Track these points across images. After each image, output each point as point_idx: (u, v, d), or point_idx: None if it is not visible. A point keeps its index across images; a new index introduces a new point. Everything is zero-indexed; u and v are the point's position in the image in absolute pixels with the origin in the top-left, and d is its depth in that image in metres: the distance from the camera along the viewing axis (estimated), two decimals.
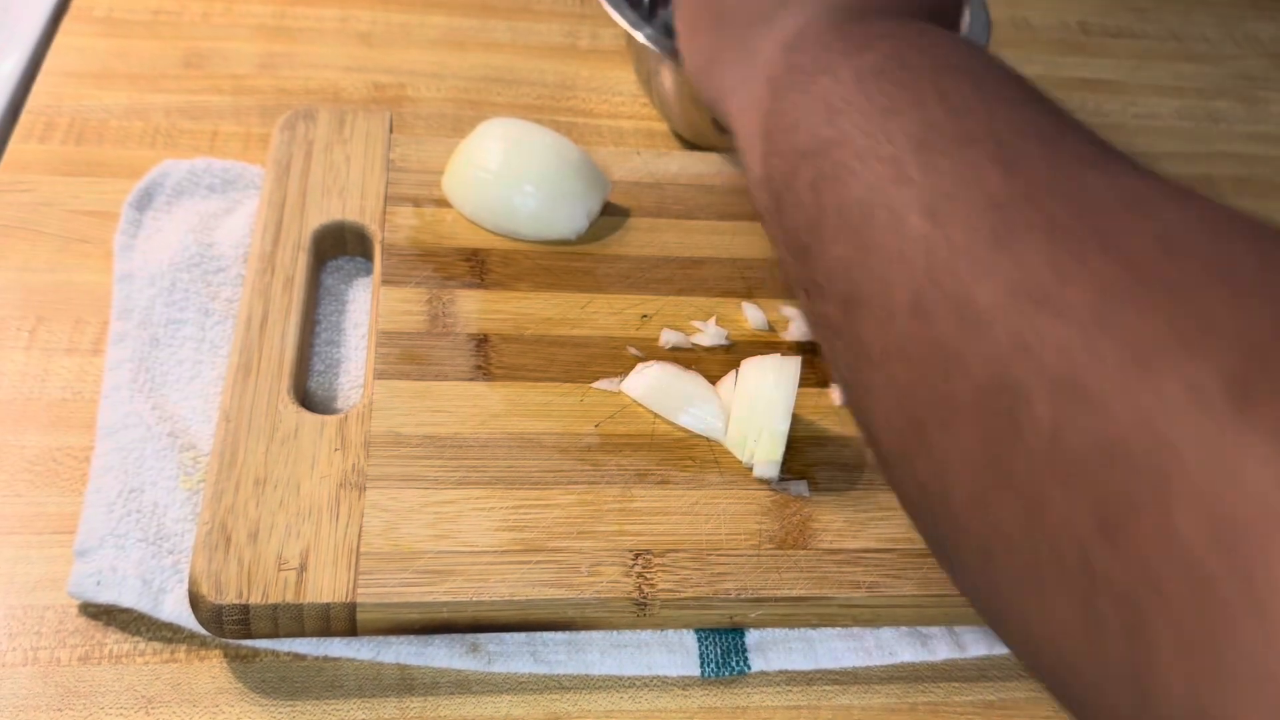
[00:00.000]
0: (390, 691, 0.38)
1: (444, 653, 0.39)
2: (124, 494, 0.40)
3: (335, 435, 0.41)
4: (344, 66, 0.63)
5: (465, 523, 0.39)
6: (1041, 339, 0.22)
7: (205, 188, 0.53)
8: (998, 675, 0.41)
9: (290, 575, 0.36)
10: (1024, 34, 0.78)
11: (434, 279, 0.48)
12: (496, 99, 0.64)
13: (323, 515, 0.38)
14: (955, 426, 0.24)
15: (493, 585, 0.37)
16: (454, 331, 0.46)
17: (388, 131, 0.54)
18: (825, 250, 0.29)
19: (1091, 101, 0.72)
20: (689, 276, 0.50)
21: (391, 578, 0.37)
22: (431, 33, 0.67)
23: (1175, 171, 0.67)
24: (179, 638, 0.38)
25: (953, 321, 0.24)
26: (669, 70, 0.56)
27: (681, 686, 0.40)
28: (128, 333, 0.46)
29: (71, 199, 0.52)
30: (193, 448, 0.42)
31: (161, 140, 0.57)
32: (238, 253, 0.50)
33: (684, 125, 0.61)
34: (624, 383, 0.45)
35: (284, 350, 0.43)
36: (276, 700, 0.37)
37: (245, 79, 0.61)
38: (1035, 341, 0.22)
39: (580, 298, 0.48)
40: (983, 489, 0.23)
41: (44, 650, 0.38)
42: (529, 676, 0.39)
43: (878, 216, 0.27)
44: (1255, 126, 0.73)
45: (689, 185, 0.55)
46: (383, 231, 0.49)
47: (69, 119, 0.57)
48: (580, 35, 0.70)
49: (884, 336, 0.26)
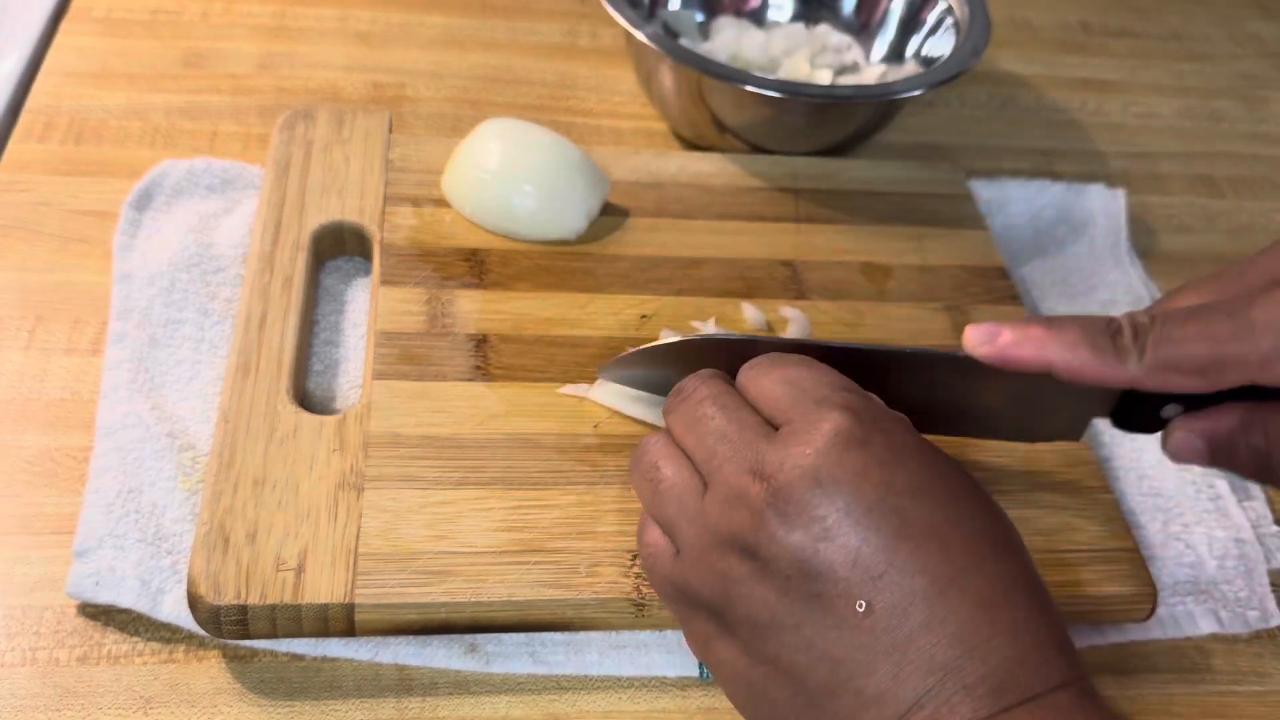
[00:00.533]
0: (389, 692, 0.38)
1: (442, 653, 0.39)
2: (123, 494, 0.40)
3: (334, 436, 0.41)
4: (343, 66, 0.63)
5: (464, 523, 0.39)
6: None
7: (204, 188, 0.53)
8: None
9: (288, 576, 0.36)
10: (1024, 34, 0.78)
11: (433, 279, 0.48)
12: (496, 99, 0.64)
13: (321, 516, 0.38)
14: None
15: (491, 586, 0.37)
16: (453, 332, 0.46)
17: (387, 131, 0.54)
18: None
19: (1092, 101, 0.72)
20: (688, 276, 0.50)
21: (390, 578, 0.37)
22: (431, 32, 0.67)
23: (1175, 171, 0.68)
24: (177, 638, 0.38)
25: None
26: (669, 70, 0.56)
27: (680, 687, 0.40)
28: (126, 333, 0.46)
29: (70, 199, 0.52)
30: (191, 448, 0.42)
31: (161, 140, 0.57)
32: (237, 253, 0.50)
33: (684, 125, 0.61)
34: (590, 390, 0.44)
35: (283, 350, 0.43)
36: (275, 700, 0.37)
37: (245, 79, 0.61)
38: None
39: (579, 298, 0.48)
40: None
41: (43, 650, 0.38)
42: (527, 677, 0.39)
43: None
44: (1255, 126, 0.73)
45: (689, 185, 0.55)
46: (382, 231, 0.49)
47: (68, 119, 0.57)
48: (580, 35, 0.70)
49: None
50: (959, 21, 0.59)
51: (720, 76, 0.53)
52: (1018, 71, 0.74)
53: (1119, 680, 0.42)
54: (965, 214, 0.56)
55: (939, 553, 0.30)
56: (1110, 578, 0.41)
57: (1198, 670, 0.43)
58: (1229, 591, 0.44)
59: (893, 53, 0.63)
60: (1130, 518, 0.46)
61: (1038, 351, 0.34)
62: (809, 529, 0.31)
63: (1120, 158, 0.68)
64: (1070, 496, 0.43)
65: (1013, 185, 0.61)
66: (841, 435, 0.32)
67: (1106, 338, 0.33)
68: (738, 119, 0.56)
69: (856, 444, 0.31)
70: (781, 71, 0.61)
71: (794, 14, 0.66)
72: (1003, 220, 0.59)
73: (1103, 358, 0.33)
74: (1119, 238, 0.59)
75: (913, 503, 0.31)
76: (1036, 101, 0.71)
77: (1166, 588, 0.44)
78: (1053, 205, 0.60)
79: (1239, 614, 0.44)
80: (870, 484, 0.31)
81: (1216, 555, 0.45)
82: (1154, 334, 0.33)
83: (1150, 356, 0.33)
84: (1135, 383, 0.33)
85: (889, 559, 0.30)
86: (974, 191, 0.58)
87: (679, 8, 0.64)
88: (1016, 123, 0.69)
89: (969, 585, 0.30)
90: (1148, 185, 0.66)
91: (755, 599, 0.31)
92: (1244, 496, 0.48)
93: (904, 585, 0.30)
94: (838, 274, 0.52)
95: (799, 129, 0.57)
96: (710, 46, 0.62)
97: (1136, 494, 0.47)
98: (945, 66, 0.56)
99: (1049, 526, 0.42)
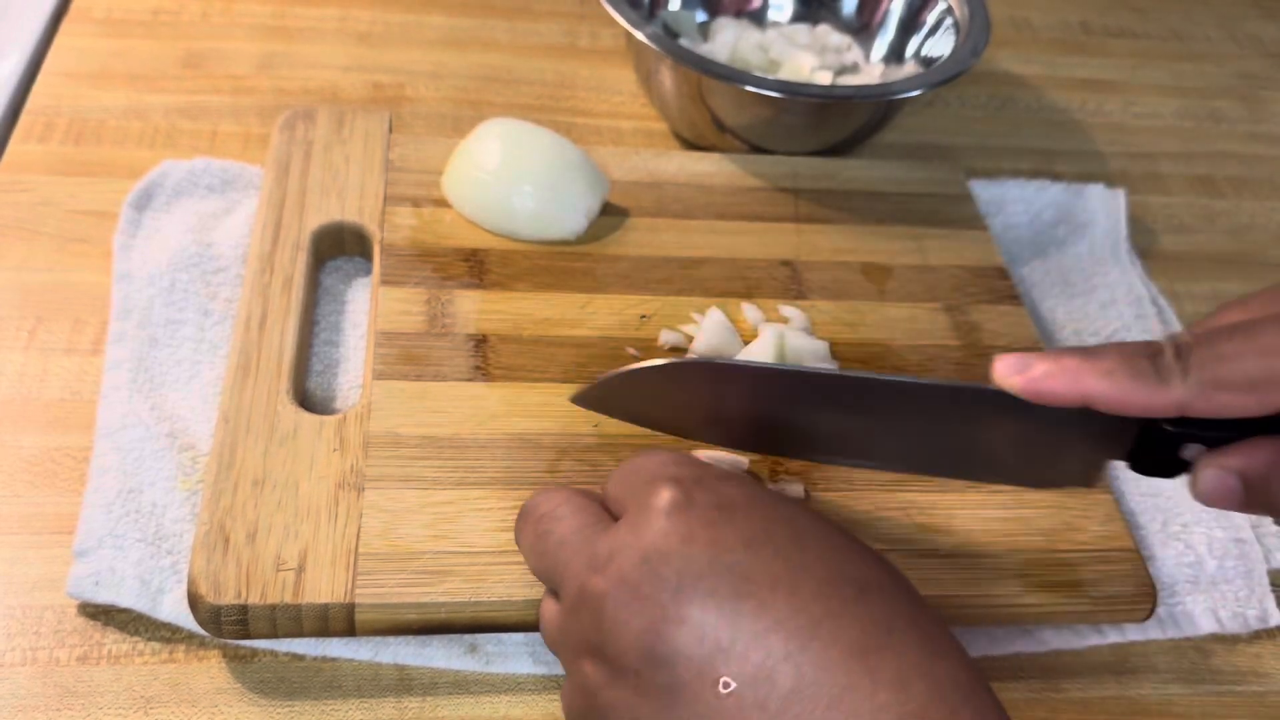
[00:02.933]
0: (388, 691, 0.38)
1: (442, 653, 0.39)
2: (123, 494, 0.40)
3: (334, 436, 0.41)
4: (343, 66, 0.63)
5: (464, 523, 0.39)
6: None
7: (204, 188, 0.53)
8: (996, 675, 0.41)
9: (288, 576, 0.36)
10: (1024, 34, 0.78)
11: (433, 279, 0.48)
12: (496, 99, 0.64)
13: (321, 516, 0.38)
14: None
15: (491, 585, 0.37)
16: (453, 332, 0.46)
17: (387, 131, 0.54)
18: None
19: (1092, 101, 0.72)
20: (688, 276, 0.50)
21: (390, 578, 0.37)
22: (431, 33, 0.67)
23: (1175, 171, 0.68)
24: (177, 638, 0.38)
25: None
26: (669, 70, 0.56)
27: None
28: (126, 333, 0.46)
29: (70, 199, 0.52)
30: (191, 448, 0.42)
31: (161, 140, 0.57)
32: (237, 253, 0.50)
33: (684, 125, 0.61)
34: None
35: (283, 350, 0.43)
36: (275, 700, 0.37)
37: (244, 79, 0.61)
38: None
39: (579, 298, 0.48)
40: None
41: (43, 650, 0.38)
42: (527, 677, 0.39)
43: None
44: (1255, 126, 0.73)
45: (688, 185, 0.55)
46: (382, 232, 0.49)
47: (68, 119, 0.57)
48: (580, 35, 0.70)
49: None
50: (959, 22, 0.59)
51: (720, 77, 0.53)
52: (1017, 72, 0.74)
53: (1119, 680, 0.42)
54: (965, 214, 0.56)
55: (787, 603, 0.27)
56: (1110, 578, 0.41)
57: (1198, 670, 0.43)
58: (1229, 591, 0.44)
59: (893, 53, 0.63)
60: (1130, 518, 0.46)
61: (1073, 382, 0.31)
62: (647, 613, 0.28)
63: (1120, 158, 0.68)
64: (1070, 496, 0.43)
65: (1012, 185, 0.61)
66: (664, 505, 0.30)
67: (1146, 361, 0.30)
68: (737, 119, 0.56)
69: (680, 510, 0.29)
70: (781, 72, 0.61)
71: (794, 14, 0.66)
72: (1002, 220, 0.59)
73: (1144, 382, 0.30)
74: (1119, 238, 0.59)
75: (748, 555, 0.28)
76: (1036, 101, 0.71)
77: (1166, 588, 0.44)
78: (1052, 205, 0.60)
79: (1239, 614, 0.44)
80: (698, 547, 0.29)
81: (1216, 555, 0.45)
82: (1199, 352, 0.30)
83: (1196, 376, 0.30)
84: (1181, 407, 0.30)
85: (733, 623, 0.27)
86: (974, 191, 0.58)
87: (679, 8, 0.64)
88: (1016, 123, 0.69)
89: (835, 634, 0.27)
90: (1147, 185, 0.66)
91: (617, 706, 0.29)
92: None
93: (758, 648, 0.27)
94: (838, 274, 0.52)
95: (799, 129, 0.57)
96: (710, 47, 0.62)
97: (1136, 494, 0.47)
98: (945, 67, 0.56)
99: (1049, 526, 0.42)
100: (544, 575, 0.33)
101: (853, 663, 0.27)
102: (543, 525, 0.33)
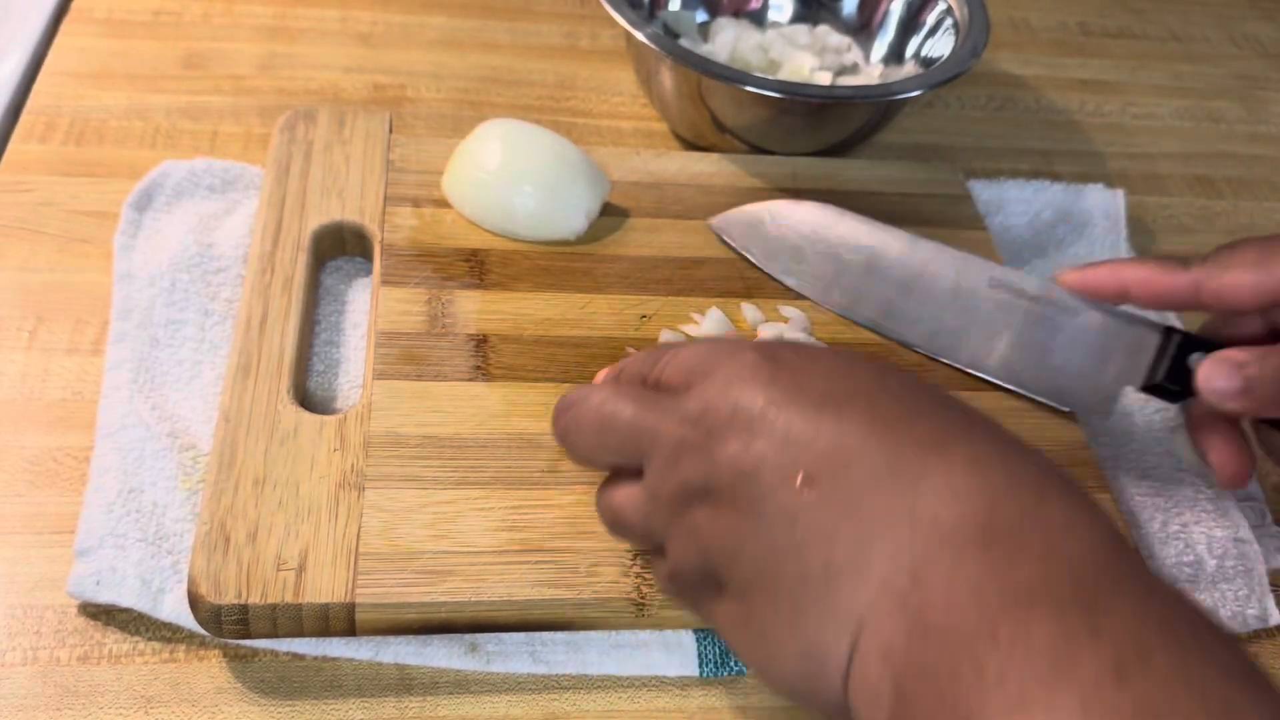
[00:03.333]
0: (389, 691, 0.38)
1: (443, 652, 0.39)
2: (124, 494, 0.40)
3: (334, 435, 0.41)
4: (344, 67, 0.63)
5: (464, 523, 0.39)
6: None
7: (205, 188, 0.53)
8: None
9: (289, 575, 0.36)
10: (1024, 34, 0.78)
11: (433, 279, 0.48)
12: (496, 99, 0.64)
13: (322, 515, 0.38)
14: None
15: (491, 585, 0.37)
16: (453, 332, 0.46)
17: (387, 132, 0.54)
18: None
19: (1091, 102, 0.72)
20: (688, 277, 0.50)
21: (390, 578, 0.37)
22: (431, 33, 0.67)
23: (1175, 171, 0.68)
24: (178, 637, 0.38)
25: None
26: (669, 71, 0.56)
27: (680, 686, 0.40)
28: (127, 333, 0.46)
29: (71, 199, 0.53)
30: (192, 448, 0.43)
31: (162, 141, 0.57)
32: (237, 253, 0.50)
33: (683, 125, 0.61)
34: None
35: (283, 350, 0.44)
36: (275, 700, 0.38)
37: (245, 79, 0.61)
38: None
39: (579, 298, 0.48)
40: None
41: (43, 650, 0.38)
42: (528, 676, 0.39)
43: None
44: (1255, 126, 0.73)
45: (688, 185, 0.55)
46: (382, 232, 0.49)
47: (69, 119, 0.57)
48: (580, 36, 0.70)
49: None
50: (958, 22, 0.59)
51: (720, 77, 0.53)
52: (1017, 72, 0.74)
53: None
54: (964, 214, 0.56)
55: (866, 409, 0.29)
56: None
57: None
58: (1228, 591, 0.44)
59: (892, 53, 0.63)
60: (1130, 518, 0.46)
61: (1113, 274, 0.42)
62: (737, 436, 0.30)
63: (1119, 158, 0.68)
64: None
65: (1012, 186, 0.61)
66: (751, 362, 0.32)
67: (1171, 260, 0.41)
68: (737, 120, 0.57)
69: (767, 360, 0.32)
70: (781, 73, 0.61)
71: (794, 15, 0.66)
72: (1001, 221, 0.59)
73: (1167, 269, 0.40)
74: (1118, 238, 0.59)
75: (829, 381, 0.31)
76: (1035, 102, 0.71)
77: None
78: (1052, 206, 0.60)
79: (1239, 613, 0.44)
80: (783, 384, 0.31)
81: (1216, 554, 0.45)
82: (1209, 255, 0.40)
83: (1208, 261, 0.40)
84: (1196, 283, 0.40)
85: (815, 426, 0.29)
86: (973, 192, 0.58)
87: (679, 8, 0.64)
88: (1015, 123, 0.69)
89: (912, 429, 0.29)
90: (1147, 186, 0.66)
91: (721, 532, 0.30)
92: (1243, 496, 0.48)
93: (836, 443, 0.29)
94: None
95: (798, 129, 0.57)
96: (710, 47, 0.62)
97: (1136, 494, 0.47)
98: (944, 67, 0.56)
99: None
100: (617, 452, 0.34)
101: (928, 453, 0.28)
102: (606, 408, 0.34)
